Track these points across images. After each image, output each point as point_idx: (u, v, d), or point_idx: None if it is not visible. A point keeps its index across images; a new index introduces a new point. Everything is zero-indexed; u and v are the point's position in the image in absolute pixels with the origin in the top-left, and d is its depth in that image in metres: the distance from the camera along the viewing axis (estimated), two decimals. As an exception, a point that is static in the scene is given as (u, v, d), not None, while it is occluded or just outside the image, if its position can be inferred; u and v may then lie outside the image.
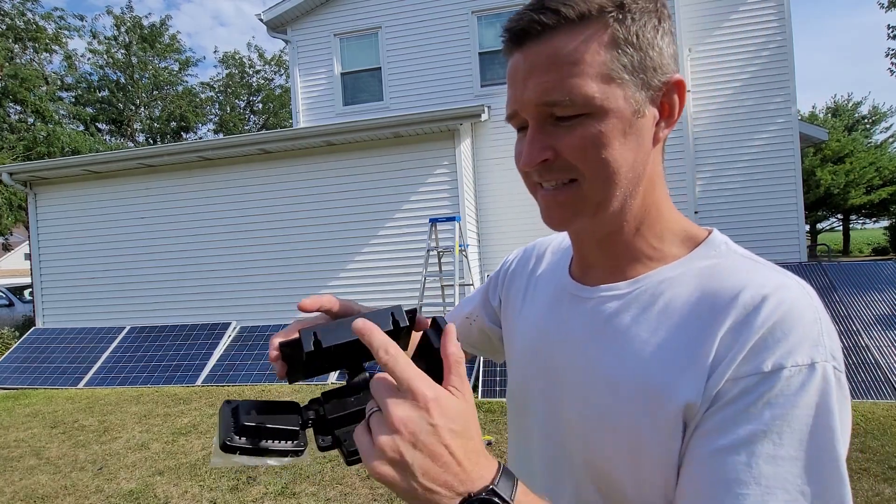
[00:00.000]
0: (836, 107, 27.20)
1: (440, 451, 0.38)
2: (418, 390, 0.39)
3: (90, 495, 3.31)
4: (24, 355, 6.88)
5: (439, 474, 0.38)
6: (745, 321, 0.46)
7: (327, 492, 3.16)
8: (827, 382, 0.43)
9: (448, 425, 0.39)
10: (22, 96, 16.20)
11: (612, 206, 0.53)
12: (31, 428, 4.76)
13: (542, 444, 0.61)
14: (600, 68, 0.48)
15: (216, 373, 5.98)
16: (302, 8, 8.78)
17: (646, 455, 0.49)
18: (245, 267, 7.14)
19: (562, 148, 0.50)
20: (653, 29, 0.50)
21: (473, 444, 0.40)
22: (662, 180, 0.57)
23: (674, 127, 0.54)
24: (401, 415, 0.38)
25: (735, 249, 0.55)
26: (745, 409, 0.44)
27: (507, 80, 0.54)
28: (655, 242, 0.56)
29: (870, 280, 5.51)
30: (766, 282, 0.48)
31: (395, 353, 0.40)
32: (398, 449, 0.38)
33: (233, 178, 7.18)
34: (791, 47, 7.47)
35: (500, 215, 7.97)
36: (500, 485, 0.39)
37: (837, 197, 23.08)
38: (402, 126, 6.48)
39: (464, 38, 8.31)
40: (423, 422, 0.38)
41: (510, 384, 0.70)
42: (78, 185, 7.59)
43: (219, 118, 27.89)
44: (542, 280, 0.70)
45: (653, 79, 0.50)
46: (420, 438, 0.38)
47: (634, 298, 0.54)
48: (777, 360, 0.44)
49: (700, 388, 0.46)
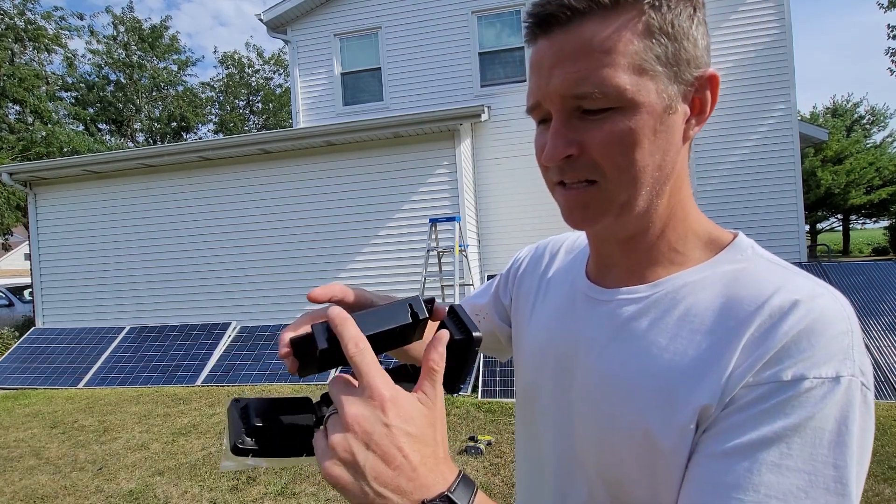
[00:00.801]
0: (835, 107, 27.28)
1: (393, 453, 0.37)
2: (376, 388, 0.37)
3: (90, 495, 3.31)
4: (23, 355, 6.88)
5: (392, 478, 0.36)
6: (771, 327, 0.44)
7: (327, 492, 3.16)
8: (851, 398, 0.41)
9: (404, 427, 0.37)
10: (21, 96, 16.19)
11: (638, 207, 0.50)
12: (30, 428, 4.75)
13: (553, 446, 0.59)
14: (633, 59, 0.45)
15: (216, 373, 5.98)
16: (302, 8, 8.79)
17: (660, 460, 0.47)
18: (245, 267, 7.14)
19: (588, 144, 0.48)
20: (688, 18, 0.47)
21: (432, 450, 0.39)
22: (688, 180, 0.54)
23: (704, 125, 0.51)
24: (354, 412, 0.37)
25: (762, 254, 0.52)
26: (756, 415, 0.42)
27: (529, 69, 0.51)
28: (678, 245, 0.54)
29: (869, 280, 5.51)
30: (796, 289, 0.45)
31: (363, 349, 0.39)
32: (350, 448, 0.36)
33: (233, 178, 7.18)
34: (791, 47, 7.47)
35: (500, 215, 7.98)
36: (456, 492, 0.37)
37: (837, 197, 23.17)
38: (402, 126, 6.48)
39: (464, 38, 8.31)
40: (377, 421, 0.37)
41: (519, 385, 0.68)
42: (78, 186, 7.58)
43: (219, 118, 27.91)
44: (556, 280, 0.68)
45: (686, 72, 0.47)
46: (373, 438, 0.36)
47: (654, 303, 0.52)
48: (799, 370, 0.41)
49: (717, 391, 0.44)
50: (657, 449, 0.47)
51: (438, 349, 0.41)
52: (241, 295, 7.11)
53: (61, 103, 20.62)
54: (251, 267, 7.12)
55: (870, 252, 28.09)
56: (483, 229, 8.01)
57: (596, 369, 0.54)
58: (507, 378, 4.91)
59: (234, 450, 0.42)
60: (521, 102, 7.98)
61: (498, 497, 3.00)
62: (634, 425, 0.49)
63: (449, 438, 3.83)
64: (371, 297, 0.57)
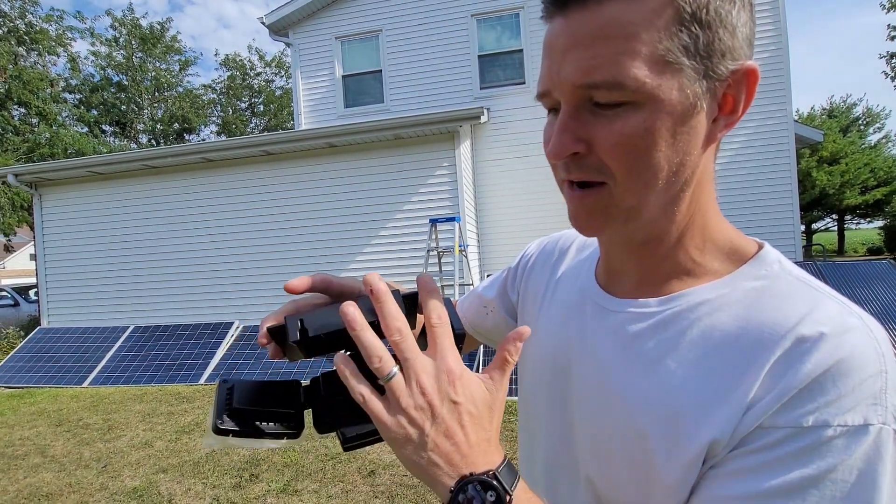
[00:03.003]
0: (831, 108, 27.31)
1: (454, 429, 0.38)
2: (448, 363, 0.39)
3: (94, 493, 3.35)
4: (29, 354, 6.94)
5: (448, 451, 0.38)
6: (793, 363, 0.39)
7: (329, 489, 3.20)
8: (879, 449, 0.36)
9: (468, 406, 0.38)
10: (26, 98, 16.29)
11: (648, 213, 0.46)
12: (36, 426, 4.81)
13: (546, 452, 0.58)
14: (656, 48, 0.39)
15: (219, 371, 6.04)
16: (303, 11, 8.85)
17: (658, 487, 0.44)
18: (247, 267, 7.20)
19: (597, 142, 0.43)
20: (729, 2, 0.40)
21: (486, 434, 0.39)
22: (712, 184, 0.49)
23: (736, 125, 0.45)
24: (428, 383, 0.38)
25: (790, 270, 0.46)
26: (770, 461, 0.38)
27: (543, 50, 0.46)
28: (696, 255, 0.48)
29: (864, 279, 5.55)
30: (825, 319, 0.40)
31: (444, 322, 0.41)
32: (417, 416, 0.38)
33: (236, 180, 7.25)
34: (787, 49, 7.50)
35: (500, 216, 8.03)
36: (502, 472, 0.38)
37: (833, 197, 23.27)
38: (402, 128, 6.54)
39: (463, 41, 8.36)
40: (445, 396, 0.38)
41: (522, 388, 0.66)
42: (83, 187, 7.65)
43: (221, 120, 28.01)
44: (565, 280, 0.63)
45: (719, 66, 0.41)
46: (441, 412, 0.38)
47: (665, 321, 0.47)
48: (822, 416, 0.37)
49: (729, 427, 0.40)
50: (656, 477, 0.44)
51: (517, 344, 0.41)
52: (243, 295, 7.17)
53: (66, 105, 20.72)
54: (253, 267, 7.18)
55: (865, 252, 28.12)
56: (483, 229, 8.07)
57: (599, 383, 0.51)
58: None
59: (214, 429, 0.43)
60: (519, 104, 8.04)
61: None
62: (634, 448, 0.46)
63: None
64: (358, 286, 0.52)
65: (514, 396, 4.38)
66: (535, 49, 8.08)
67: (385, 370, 0.38)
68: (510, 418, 4.12)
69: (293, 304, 0.48)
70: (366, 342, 0.38)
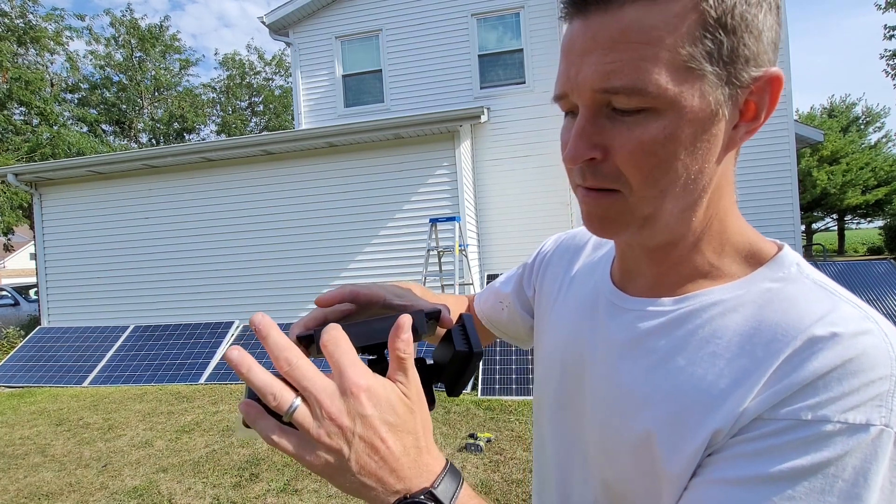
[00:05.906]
0: (831, 107, 27.33)
1: (376, 444, 0.36)
2: (349, 379, 0.37)
3: (94, 492, 3.35)
4: (29, 354, 6.95)
5: (376, 469, 0.36)
6: (802, 360, 0.39)
7: (329, 489, 3.21)
8: (877, 450, 0.36)
9: (383, 416, 0.37)
10: (26, 98, 16.30)
11: (664, 220, 0.45)
12: (36, 426, 4.81)
13: (557, 448, 0.58)
14: (679, 54, 0.38)
15: (219, 371, 6.04)
16: (304, 11, 8.85)
17: (665, 478, 0.44)
18: (247, 267, 7.21)
19: (614, 149, 0.42)
20: (756, 5, 0.39)
21: (413, 439, 0.38)
22: (732, 188, 0.48)
23: (757, 132, 0.44)
24: (331, 406, 0.36)
25: (808, 273, 0.45)
26: (766, 449, 0.38)
27: (561, 51, 0.45)
28: (713, 258, 0.48)
29: (864, 279, 5.55)
30: (841, 321, 0.39)
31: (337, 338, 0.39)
32: (331, 441, 0.36)
33: (236, 179, 7.25)
34: (787, 49, 7.51)
35: (500, 215, 8.03)
36: (440, 487, 0.37)
37: (833, 197, 23.30)
38: (402, 127, 6.54)
39: (463, 40, 8.36)
40: (355, 414, 0.36)
41: (535, 383, 0.66)
42: (83, 186, 7.66)
43: (221, 119, 28.02)
44: (580, 278, 0.63)
45: (742, 72, 0.40)
46: (354, 431, 0.36)
47: (677, 319, 0.48)
48: (824, 412, 0.37)
49: (731, 418, 0.40)
50: (663, 472, 0.44)
51: (402, 336, 0.39)
52: (243, 294, 7.18)
53: (66, 105, 20.73)
54: (253, 267, 7.19)
55: (865, 251, 28.17)
56: (483, 229, 8.07)
57: (609, 380, 0.51)
58: (507, 376, 4.96)
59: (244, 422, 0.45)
60: (520, 104, 8.04)
61: (497, 494, 3.02)
62: (642, 445, 0.46)
63: (449, 435, 3.89)
64: (383, 295, 0.54)
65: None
66: (536, 49, 8.08)
67: (284, 406, 0.36)
68: (509, 418, 4.13)
69: (321, 313, 0.50)
70: (256, 382, 0.36)
